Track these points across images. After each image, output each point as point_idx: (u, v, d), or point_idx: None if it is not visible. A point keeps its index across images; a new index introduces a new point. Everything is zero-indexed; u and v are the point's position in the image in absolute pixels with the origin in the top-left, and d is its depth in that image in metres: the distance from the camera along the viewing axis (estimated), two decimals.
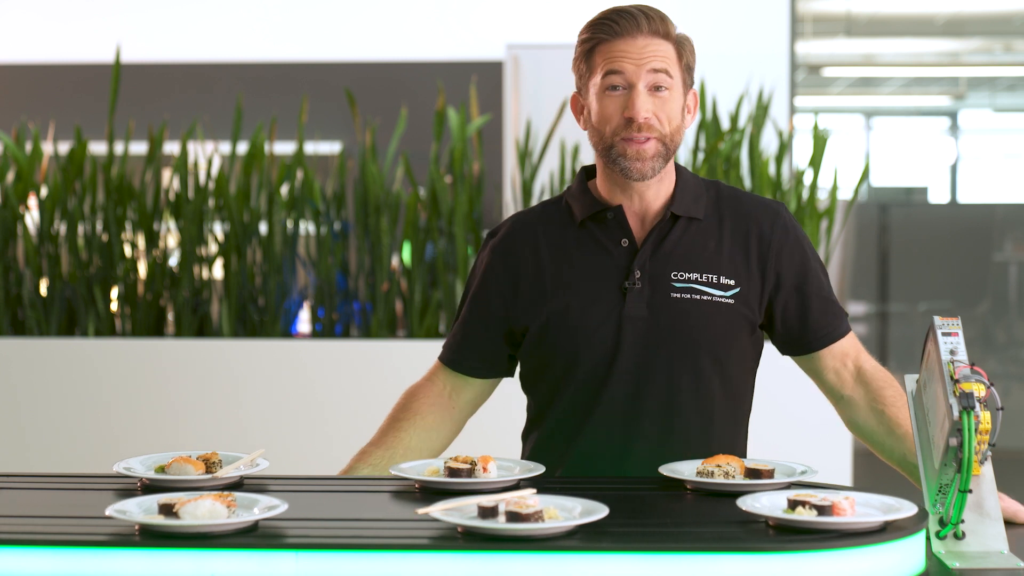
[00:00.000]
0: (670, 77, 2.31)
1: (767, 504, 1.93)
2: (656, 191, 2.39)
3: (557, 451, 2.40)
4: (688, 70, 2.37)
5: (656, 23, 2.31)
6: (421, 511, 1.87)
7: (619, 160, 2.32)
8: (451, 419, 2.53)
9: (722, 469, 2.11)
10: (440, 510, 1.86)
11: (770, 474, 2.10)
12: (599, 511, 1.87)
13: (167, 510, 1.88)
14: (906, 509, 1.87)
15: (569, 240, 2.41)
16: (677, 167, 2.43)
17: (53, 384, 4.81)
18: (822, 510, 1.84)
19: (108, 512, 1.88)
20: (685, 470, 2.15)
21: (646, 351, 2.34)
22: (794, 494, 1.90)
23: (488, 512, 1.84)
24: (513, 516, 1.81)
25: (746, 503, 1.92)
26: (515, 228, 2.48)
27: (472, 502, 1.88)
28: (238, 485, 2.17)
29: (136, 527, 1.85)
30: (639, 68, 2.29)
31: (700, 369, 2.36)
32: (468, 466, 2.14)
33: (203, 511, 1.85)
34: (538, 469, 2.18)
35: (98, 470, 2.52)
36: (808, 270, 2.42)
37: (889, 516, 1.85)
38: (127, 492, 2.13)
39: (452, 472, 2.13)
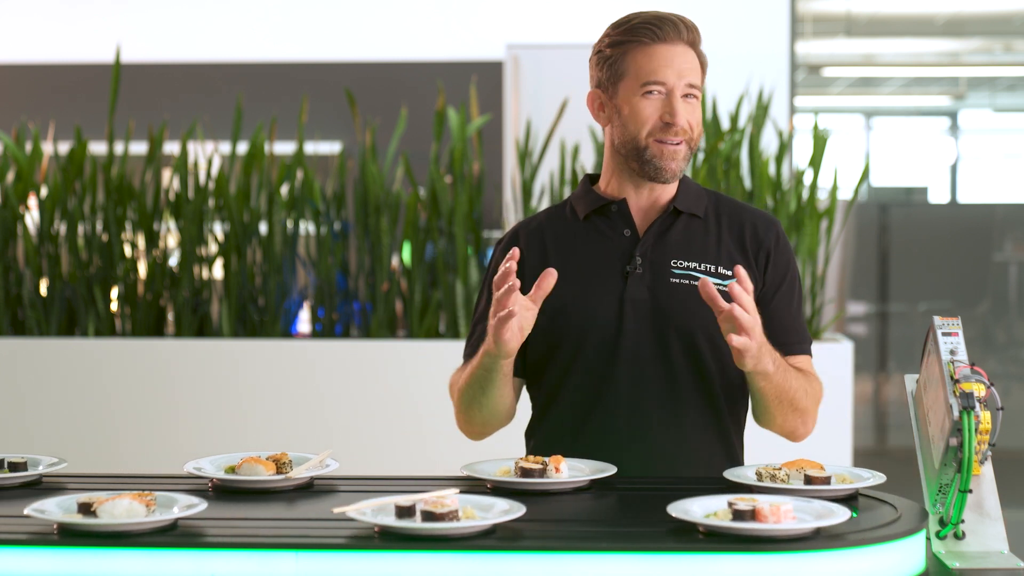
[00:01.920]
0: (699, 88, 2.43)
1: (698, 509, 1.92)
2: (664, 189, 2.48)
3: (564, 441, 2.43)
4: (704, 78, 2.47)
5: (693, 34, 2.44)
6: (337, 510, 1.88)
7: (653, 160, 2.42)
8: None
9: (783, 472, 2.10)
10: (356, 509, 1.86)
11: (825, 480, 2.08)
12: (516, 510, 1.87)
13: (86, 509, 1.88)
14: (840, 515, 1.86)
15: (573, 233, 2.50)
16: None
17: (53, 384, 4.81)
18: (743, 515, 1.83)
19: (27, 511, 1.89)
20: (749, 473, 2.15)
21: (647, 333, 2.41)
22: (735, 497, 1.89)
23: (405, 512, 1.84)
24: (428, 516, 1.82)
25: (676, 508, 1.90)
26: (522, 228, 2.57)
27: (390, 501, 1.89)
28: (309, 486, 2.17)
29: (55, 526, 1.85)
30: (680, 78, 2.40)
31: (699, 352, 2.41)
32: (540, 466, 2.15)
33: (121, 510, 1.85)
34: (609, 469, 2.20)
35: (98, 470, 2.52)
36: (783, 289, 2.48)
37: (819, 523, 1.84)
38: (199, 493, 2.13)
39: (525, 472, 2.14)
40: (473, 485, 2.18)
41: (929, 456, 2.11)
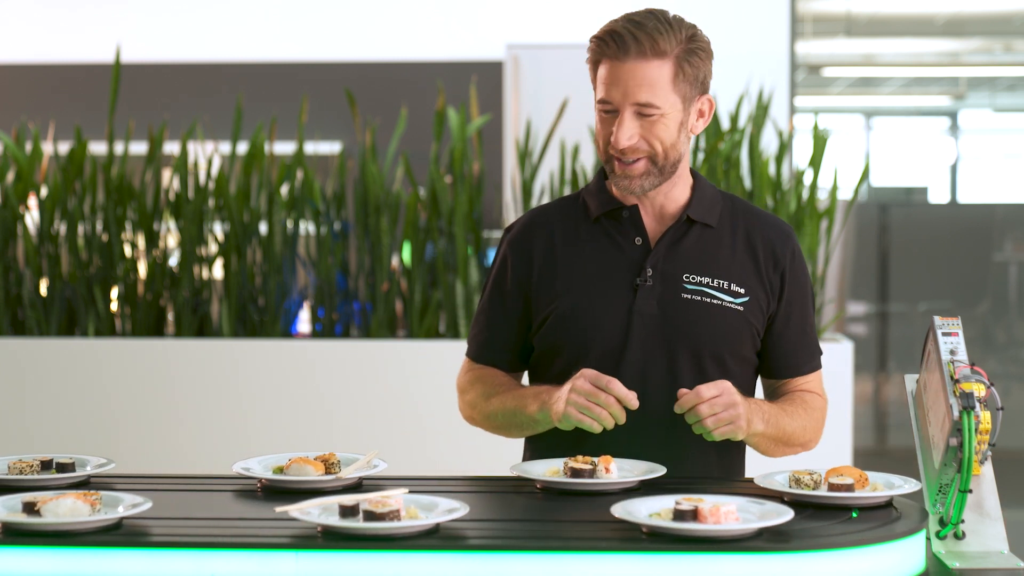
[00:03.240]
0: (657, 107, 2.31)
1: (644, 509, 1.91)
2: (667, 196, 2.42)
3: (563, 448, 2.40)
4: (693, 82, 2.35)
5: (645, 44, 2.29)
6: (279, 509, 1.88)
7: (612, 176, 2.38)
8: None
9: (812, 478, 2.08)
10: (299, 508, 1.86)
11: (848, 488, 2.03)
12: (460, 510, 1.87)
13: (30, 508, 1.88)
14: (783, 515, 1.86)
15: (584, 234, 2.45)
16: (695, 174, 2.46)
17: (53, 384, 4.81)
18: (684, 515, 1.83)
19: None
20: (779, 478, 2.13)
21: (653, 347, 2.37)
22: (683, 497, 1.89)
23: (348, 511, 1.85)
24: (370, 515, 1.81)
25: (618, 509, 1.89)
26: (531, 221, 2.51)
27: (333, 501, 1.89)
28: (358, 486, 2.17)
29: None
30: (625, 99, 2.31)
31: (704, 370, 2.38)
32: (590, 467, 2.14)
33: (64, 509, 1.85)
34: (659, 470, 2.18)
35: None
36: (800, 302, 2.46)
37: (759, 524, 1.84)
38: (247, 493, 2.14)
39: (575, 472, 2.13)
40: (520, 485, 2.18)
41: (929, 456, 2.11)
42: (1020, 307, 8.47)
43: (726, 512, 1.82)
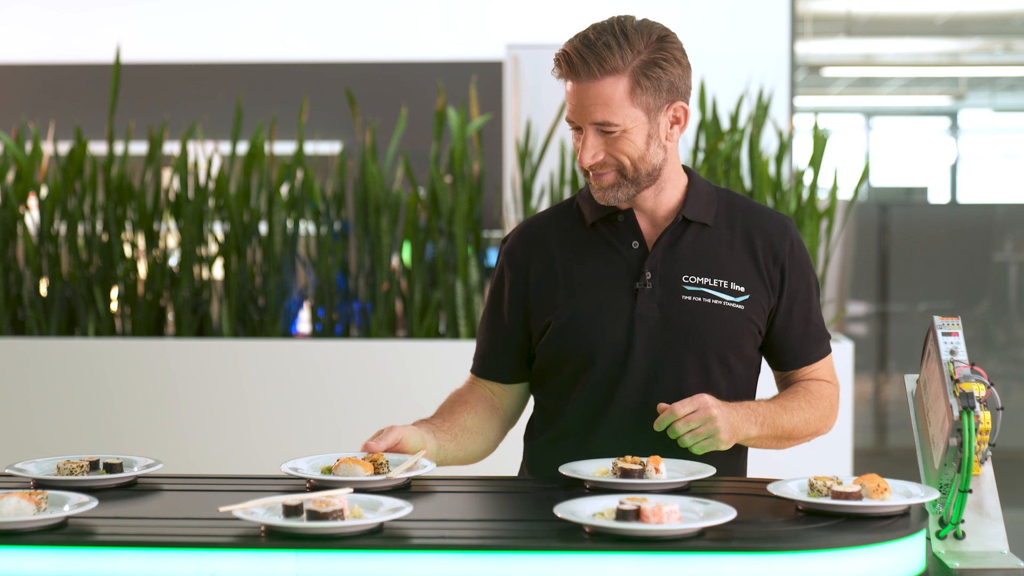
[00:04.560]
0: (614, 125, 2.29)
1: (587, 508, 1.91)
2: (657, 199, 2.41)
3: (567, 452, 2.39)
4: (657, 91, 2.30)
5: (593, 66, 2.26)
6: (223, 509, 1.88)
7: (590, 187, 2.38)
8: (498, 418, 2.53)
9: (827, 484, 2.02)
10: (243, 508, 1.87)
11: (856, 496, 1.95)
12: (403, 509, 1.88)
13: None
14: (726, 515, 1.86)
15: (580, 241, 2.44)
16: (690, 173, 2.45)
17: (53, 384, 4.81)
18: (627, 515, 1.83)
19: None
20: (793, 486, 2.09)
21: (657, 351, 2.37)
22: (627, 497, 1.89)
23: (292, 511, 1.85)
24: (313, 515, 1.82)
25: (561, 509, 1.88)
26: (526, 232, 2.51)
27: (277, 501, 1.89)
28: (407, 486, 2.17)
29: None
30: (583, 119, 2.31)
31: (709, 371, 2.38)
32: (639, 467, 2.14)
33: (9, 508, 1.85)
34: (707, 471, 2.18)
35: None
36: (803, 292, 2.46)
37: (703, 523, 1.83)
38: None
39: (624, 473, 2.13)
40: (568, 485, 2.17)
41: (929, 456, 2.11)
42: (1020, 307, 8.47)
43: (668, 512, 1.82)
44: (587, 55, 2.26)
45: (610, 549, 1.78)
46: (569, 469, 2.19)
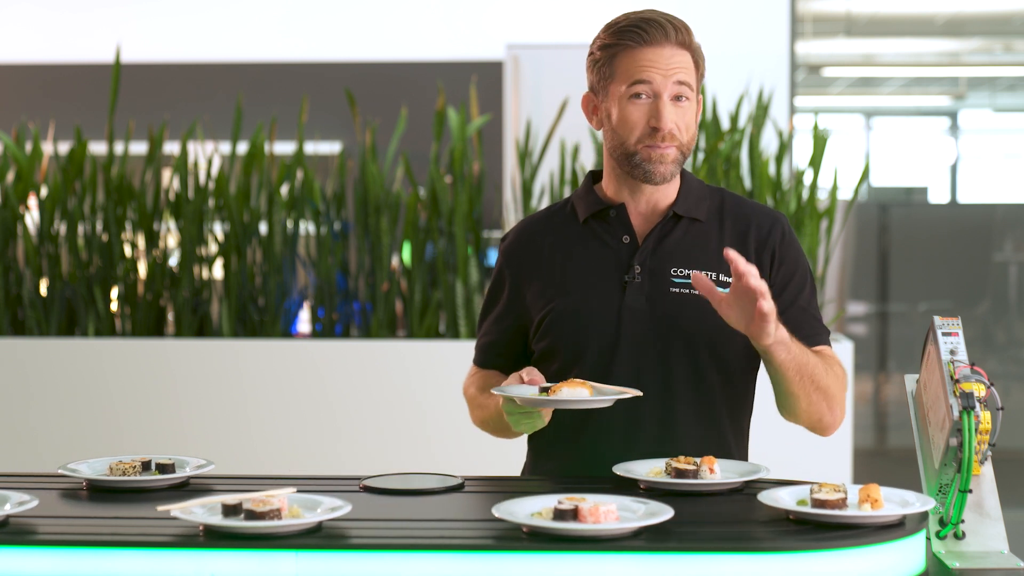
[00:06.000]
0: (691, 89, 2.37)
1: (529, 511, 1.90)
2: (664, 192, 2.44)
3: (562, 446, 2.42)
4: (700, 80, 2.42)
5: (683, 34, 2.37)
6: (162, 508, 1.89)
7: (642, 164, 2.37)
8: None
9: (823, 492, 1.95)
10: (182, 508, 1.87)
11: (838, 504, 1.89)
12: (342, 508, 1.88)
13: None
14: (664, 513, 1.86)
15: (572, 237, 2.47)
16: (682, 171, 2.47)
17: (53, 384, 4.81)
18: (564, 515, 1.82)
19: None
20: (784, 497, 2.03)
21: (645, 343, 2.38)
22: (566, 496, 1.88)
23: (231, 510, 1.85)
24: (251, 514, 1.82)
25: (499, 509, 1.88)
26: (522, 230, 2.55)
27: (217, 500, 1.89)
28: (460, 487, 2.19)
29: None
30: (666, 79, 2.34)
31: (698, 362, 2.38)
32: (693, 467, 2.14)
33: None
34: (762, 470, 2.17)
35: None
36: (797, 280, 2.45)
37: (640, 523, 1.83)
38: (344, 494, 2.13)
39: (679, 473, 2.13)
40: (620, 485, 2.17)
41: (929, 456, 2.11)
42: (1020, 307, 8.47)
43: (606, 512, 1.82)
44: (675, 23, 2.37)
45: (545, 549, 1.78)
46: (623, 469, 2.19)
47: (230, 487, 2.18)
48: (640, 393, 2.21)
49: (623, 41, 2.36)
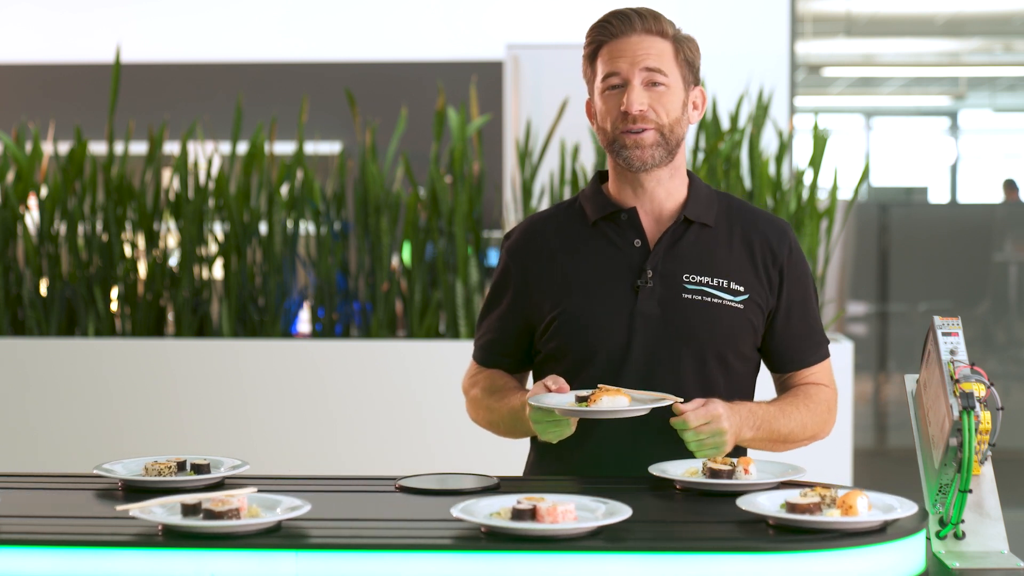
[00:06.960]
0: (665, 75, 2.38)
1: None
2: (666, 191, 2.44)
3: (569, 447, 2.40)
4: (690, 66, 2.43)
5: (649, 21, 2.40)
6: (120, 508, 1.89)
7: (621, 151, 2.40)
8: None
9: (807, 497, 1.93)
10: (141, 507, 1.87)
11: (808, 509, 1.86)
12: (302, 507, 1.88)
13: None
14: (622, 513, 1.85)
15: (582, 238, 2.47)
16: (690, 175, 2.49)
17: (53, 384, 4.81)
18: (521, 514, 1.82)
19: None
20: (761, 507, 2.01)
21: (657, 348, 2.39)
22: (525, 496, 1.88)
23: (190, 510, 1.85)
24: (209, 514, 1.82)
25: (457, 509, 1.88)
26: (529, 228, 2.54)
27: (176, 500, 1.89)
28: (496, 487, 2.18)
29: None
30: (633, 67, 2.38)
31: (708, 370, 2.40)
32: (729, 467, 2.14)
33: None
34: (798, 471, 2.17)
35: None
36: (802, 296, 2.48)
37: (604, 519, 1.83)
38: (380, 495, 2.13)
39: (714, 473, 2.13)
40: (655, 485, 2.17)
41: (929, 456, 2.11)
42: (1020, 307, 8.47)
43: (564, 511, 1.82)
44: (643, 12, 2.41)
45: (503, 548, 1.78)
46: (658, 469, 2.19)
47: (265, 487, 2.19)
48: (679, 400, 2.24)
49: (597, 39, 2.43)
